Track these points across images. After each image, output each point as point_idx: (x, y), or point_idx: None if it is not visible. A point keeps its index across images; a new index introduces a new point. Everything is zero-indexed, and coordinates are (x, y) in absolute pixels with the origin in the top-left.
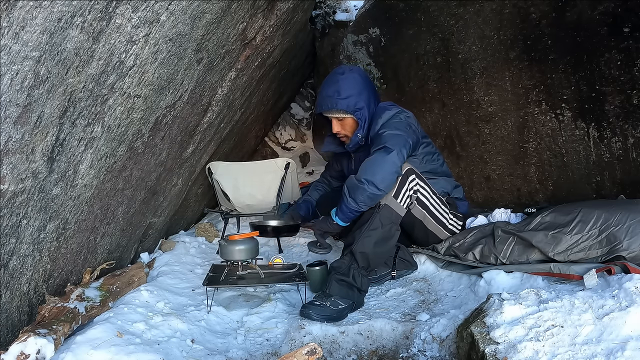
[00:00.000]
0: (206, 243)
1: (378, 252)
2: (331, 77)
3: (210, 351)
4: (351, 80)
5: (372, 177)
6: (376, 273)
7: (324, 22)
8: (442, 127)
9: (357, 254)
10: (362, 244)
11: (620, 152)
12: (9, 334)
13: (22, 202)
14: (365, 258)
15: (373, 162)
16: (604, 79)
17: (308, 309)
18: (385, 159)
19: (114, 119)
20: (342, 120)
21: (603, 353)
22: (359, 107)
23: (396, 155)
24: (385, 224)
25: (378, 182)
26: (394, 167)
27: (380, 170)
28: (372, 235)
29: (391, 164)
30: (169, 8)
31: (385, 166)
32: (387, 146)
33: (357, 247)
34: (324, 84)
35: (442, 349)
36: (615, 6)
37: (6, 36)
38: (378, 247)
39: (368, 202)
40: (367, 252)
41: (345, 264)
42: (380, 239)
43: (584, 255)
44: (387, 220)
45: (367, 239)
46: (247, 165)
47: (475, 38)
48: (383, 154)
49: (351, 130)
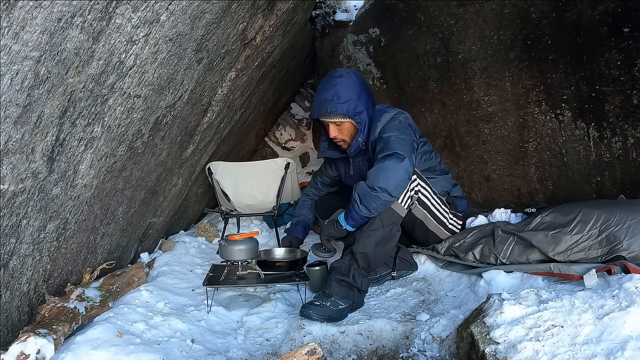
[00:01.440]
0: (206, 243)
1: (378, 253)
2: (328, 80)
3: (210, 351)
4: (350, 83)
5: (385, 185)
6: (376, 273)
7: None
8: (442, 127)
9: (357, 254)
10: (362, 244)
11: (620, 152)
12: (9, 334)
13: (22, 202)
14: (365, 258)
15: (386, 169)
16: (604, 79)
17: (308, 309)
18: (399, 166)
19: (114, 119)
20: (340, 125)
21: (603, 353)
22: (358, 111)
23: (408, 162)
24: (386, 224)
25: (392, 190)
26: (407, 175)
27: (394, 177)
28: (373, 235)
29: (404, 171)
30: (169, 8)
31: (399, 173)
32: (398, 153)
33: (357, 248)
34: (321, 88)
35: (442, 349)
36: (615, 6)
37: (6, 36)
38: (379, 247)
39: (380, 208)
40: (368, 253)
41: (346, 264)
42: (380, 240)
43: (584, 255)
44: (388, 221)
45: (367, 240)
46: (247, 165)
47: (475, 38)
48: (396, 161)
49: (349, 134)
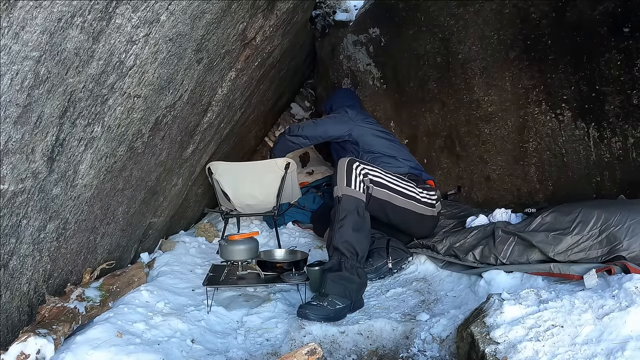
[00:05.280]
0: (206, 243)
1: (358, 237)
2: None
3: (210, 351)
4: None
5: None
6: (372, 265)
7: (324, 22)
8: (442, 127)
9: (339, 245)
10: (339, 235)
11: (620, 152)
12: (9, 334)
13: (22, 202)
14: (349, 246)
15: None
16: (604, 79)
17: (305, 309)
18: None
19: (114, 119)
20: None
21: (603, 353)
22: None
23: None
24: (350, 210)
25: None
26: (288, 131)
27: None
28: (345, 224)
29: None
30: (169, 8)
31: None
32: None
33: (336, 240)
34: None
35: (442, 349)
36: (615, 6)
37: (6, 36)
38: (355, 231)
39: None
40: (349, 240)
41: (335, 262)
42: (353, 224)
43: (584, 255)
44: (350, 206)
45: (342, 229)
46: (247, 165)
47: (475, 38)
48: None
49: None
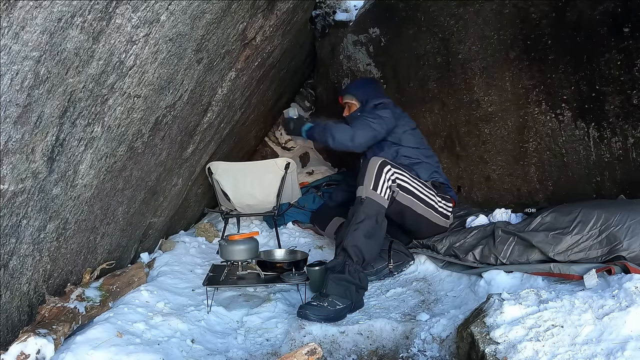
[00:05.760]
0: (206, 243)
1: (369, 244)
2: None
3: (210, 351)
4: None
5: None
6: (373, 267)
7: (324, 22)
8: (442, 127)
9: (349, 248)
10: (352, 238)
11: (620, 152)
12: (9, 334)
13: (22, 202)
14: (358, 251)
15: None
16: (604, 79)
17: (305, 309)
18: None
19: (114, 119)
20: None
21: (603, 353)
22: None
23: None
24: (370, 215)
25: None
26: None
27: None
28: (360, 227)
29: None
30: (169, 8)
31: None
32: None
33: (348, 242)
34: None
35: (442, 349)
36: (615, 6)
37: (6, 36)
38: (368, 238)
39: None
40: (359, 245)
41: (340, 262)
42: (368, 230)
43: (584, 255)
44: (371, 212)
45: (356, 232)
46: (247, 165)
47: (475, 38)
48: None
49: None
